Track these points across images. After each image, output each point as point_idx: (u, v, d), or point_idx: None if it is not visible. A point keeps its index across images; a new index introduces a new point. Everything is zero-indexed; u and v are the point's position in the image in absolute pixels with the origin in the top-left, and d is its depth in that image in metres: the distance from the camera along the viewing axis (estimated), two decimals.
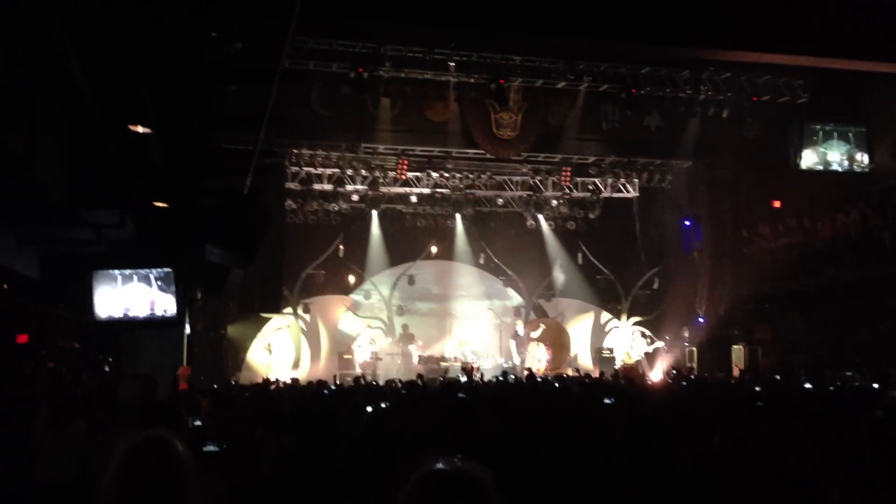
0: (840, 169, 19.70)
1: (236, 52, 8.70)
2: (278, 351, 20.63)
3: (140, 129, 7.00)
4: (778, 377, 15.38)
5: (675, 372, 17.92)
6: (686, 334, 21.49)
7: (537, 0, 14.24)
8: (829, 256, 18.33)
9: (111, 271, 10.69)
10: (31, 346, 12.36)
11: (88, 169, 8.01)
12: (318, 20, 12.96)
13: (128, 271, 10.73)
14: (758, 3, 14.83)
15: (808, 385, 11.89)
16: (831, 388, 10.87)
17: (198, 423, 5.46)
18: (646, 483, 3.79)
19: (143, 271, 10.79)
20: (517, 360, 21.30)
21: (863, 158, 19.68)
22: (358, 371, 19.12)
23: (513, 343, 21.66)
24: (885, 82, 18.64)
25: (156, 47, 6.25)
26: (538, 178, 21.89)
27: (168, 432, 2.76)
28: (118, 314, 10.83)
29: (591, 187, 22.39)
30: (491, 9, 14.21)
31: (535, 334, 21.50)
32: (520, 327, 22.17)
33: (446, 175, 21.26)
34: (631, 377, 15.74)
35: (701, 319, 21.33)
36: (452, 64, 17.82)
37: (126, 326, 11.12)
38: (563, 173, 21.40)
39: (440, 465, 2.21)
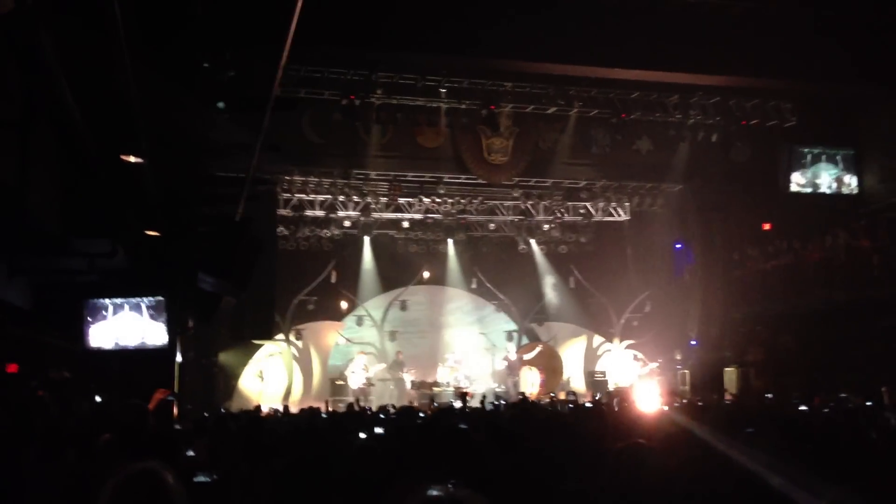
0: (829, 191, 19.82)
1: (229, 81, 8.76)
2: (270, 378, 20.52)
3: (132, 159, 7.03)
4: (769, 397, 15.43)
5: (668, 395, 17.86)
6: (678, 357, 21.47)
7: (527, 28, 14.41)
8: (819, 278, 18.39)
9: (103, 300, 10.67)
10: (22, 376, 12.25)
11: (80, 199, 8.02)
12: (309, 48, 13.05)
13: (119, 300, 10.71)
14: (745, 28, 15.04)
15: (802, 407, 11.89)
16: (825, 409, 10.86)
17: (190, 453, 5.43)
18: None
19: (134, 300, 10.76)
20: (510, 385, 21.24)
21: (851, 181, 19.81)
22: (350, 397, 19.02)
23: (505, 367, 21.60)
24: (874, 105, 18.85)
25: (148, 77, 6.28)
26: (529, 202, 21.96)
27: (159, 464, 2.74)
28: (110, 343, 10.80)
29: (582, 211, 22.47)
30: (482, 36, 14.38)
31: (528, 357, 21.45)
32: (512, 351, 22.13)
33: (438, 200, 21.32)
34: (622, 401, 15.68)
35: (693, 342, 21.33)
36: (444, 90, 17.92)
37: (117, 356, 11.06)
38: (555, 198, 21.54)
39: (435, 493, 2.21)
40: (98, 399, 11.35)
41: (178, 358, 12.73)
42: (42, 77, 5.45)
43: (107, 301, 10.65)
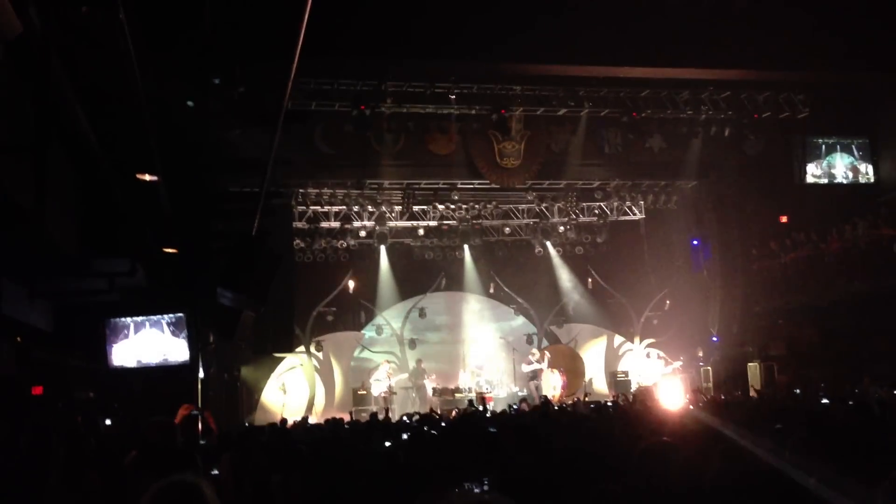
0: (845, 181, 19.71)
1: (239, 96, 8.82)
2: (293, 390, 20.56)
3: (147, 177, 7.08)
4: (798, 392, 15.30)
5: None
6: (700, 354, 21.34)
7: (534, 30, 14.40)
8: (840, 269, 18.25)
9: (124, 319, 10.74)
10: (47, 398, 12.35)
11: (98, 219, 8.08)
12: (318, 60, 13.11)
13: (140, 318, 10.78)
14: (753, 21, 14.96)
15: (824, 400, 11.79)
16: (850, 402, 10.75)
17: (214, 472, 5.44)
18: None
19: (155, 318, 10.83)
20: (532, 388, 21.16)
21: (867, 170, 19.69)
22: (373, 407, 19.03)
23: (526, 371, 21.53)
24: (887, 93, 18.71)
25: (159, 96, 6.33)
26: (544, 205, 21.95)
27: (194, 476, 2.75)
28: (132, 362, 10.87)
29: (597, 211, 22.43)
30: (489, 41, 14.38)
31: (543, 364, 21.25)
32: (533, 355, 22.05)
33: (452, 207, 21.34)
34: (645, 400, 15.60)
35: (714, 338, 21.20)
36: (453, 97, 17.97)
37: (140, 373, 11.13)
38: (569, 199, 21.53)
39: (463, 498, 2.21)
40: (108, 422, 11.42)
41: (201, 373, 12.80)
42: (54, 99, 5.50)
43: (128, 320, 10.73)
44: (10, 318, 9.08)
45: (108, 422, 12.05)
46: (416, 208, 21.08)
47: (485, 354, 22.58)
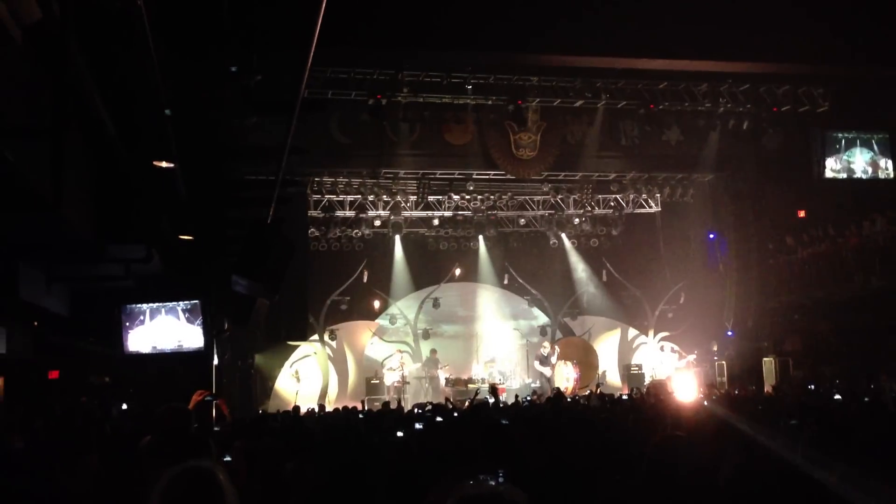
0: (864, 176, 19.54)
1: (256, 85, 8.82)
2: (306, 378, 20.65)
3: (164, 164, 7.10)
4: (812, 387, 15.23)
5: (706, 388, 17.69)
6: (715, 348, 21.26)
7: (552, 20, 14.33)
8: (857, 265, 18.12)
9: (140, 306, 10.80)
10: (63, 382, 12.47)
11: (114, 205, 8.11)
12: (335, 49, 13.10)
13: (156, 305, 10.84)
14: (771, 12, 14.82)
15: (837, 396, 11.74)
16: (866, 398, 10.70)
17: (227, 458, 5.45)
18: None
19: (170, 304, 10.89)
20: (544, 380, 21.15)
21: (887, 165, 19.51)
22: (386, 396, 19.09)
23: (538, 363, 21.52)
24: None
25: (177, 83, 6.34)
26: (559, 196, 21.90)
27: (209, 462, 2.76)
28: (147, 348, 10.93)
29: (612, 204, 22.34)
30: (506, 30, 14.33)
31: (554, 358, 21.19)
32: (545, 347, 22.04)
33: (467, 197, 21.34)
34: (659, 394, 15.56)
35: (729, 333, 21.11)
36: (470, 87, 17.93)
37: (155, 359, 11.19)
38: (584, 191, 21.47)
39: (475, 489, 2.21)
40: (124, 406, 11.49)
41: (215, 360, 12.87)
42: (72, 85, 5.52)
43: (143, 306, 10.79)
44: (28, 303, 9.16)
45: (123, 407, 12.16)
46: (431, 198, 21.09)
47: (498, 345, 22.57)
